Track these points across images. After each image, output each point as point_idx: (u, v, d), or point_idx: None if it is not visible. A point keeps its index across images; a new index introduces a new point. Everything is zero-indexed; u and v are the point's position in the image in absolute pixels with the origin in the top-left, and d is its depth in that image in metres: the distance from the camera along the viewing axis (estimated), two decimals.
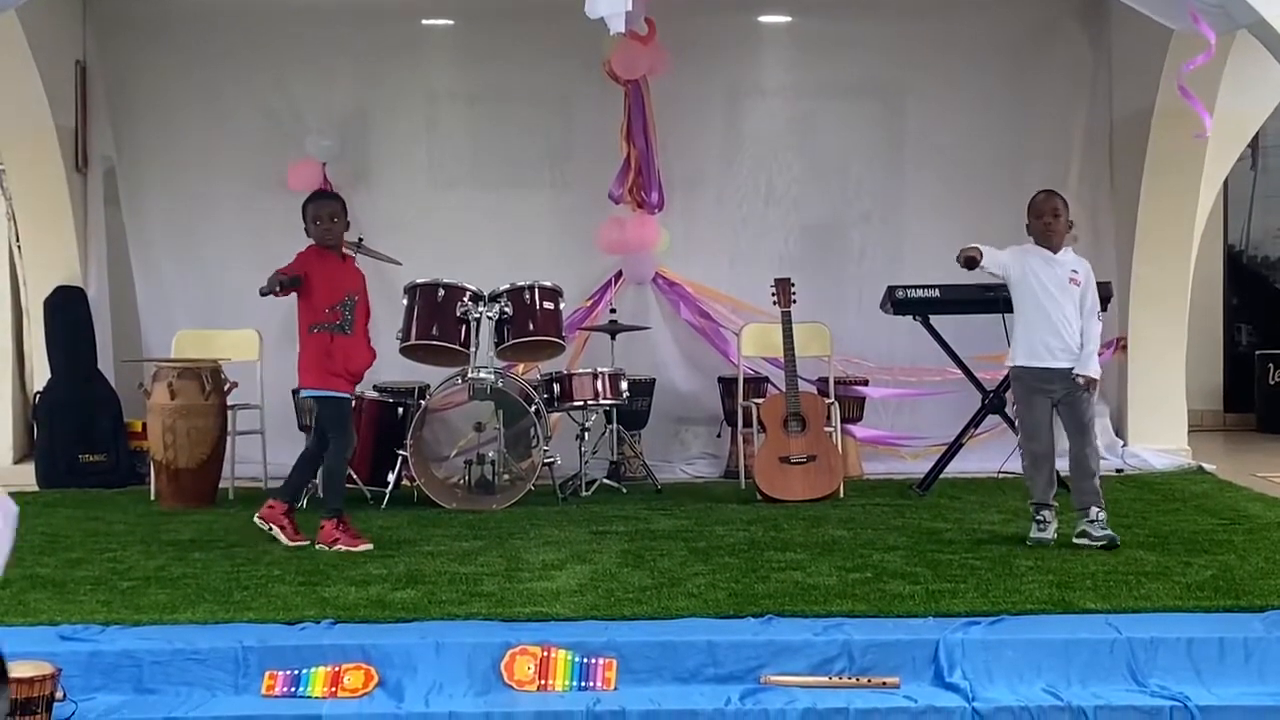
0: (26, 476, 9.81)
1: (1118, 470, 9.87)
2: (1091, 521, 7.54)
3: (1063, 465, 7.79)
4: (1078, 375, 7.52)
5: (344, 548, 7.53)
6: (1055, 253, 7.72)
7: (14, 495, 9.21)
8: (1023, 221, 10.65)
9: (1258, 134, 11.14)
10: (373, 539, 7.67)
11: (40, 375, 10.15)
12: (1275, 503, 8.81)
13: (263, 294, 7.73)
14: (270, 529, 7.68)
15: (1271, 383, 11.52)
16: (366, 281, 8.01)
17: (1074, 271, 7.67)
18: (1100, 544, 7.41)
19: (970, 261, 7.68)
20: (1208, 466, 10.10)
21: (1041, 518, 7.69)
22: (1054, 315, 7.64)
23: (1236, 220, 12.91)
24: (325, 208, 7.92)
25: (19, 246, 10.22)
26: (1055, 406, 7.65)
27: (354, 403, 8.90)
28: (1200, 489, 9.35)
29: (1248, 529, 7.91)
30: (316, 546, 7.60)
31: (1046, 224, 7.74)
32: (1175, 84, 9.65)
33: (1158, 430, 10.03)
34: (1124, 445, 10.46)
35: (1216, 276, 12.48)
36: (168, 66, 10.66)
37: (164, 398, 8.97)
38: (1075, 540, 7.46)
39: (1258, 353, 12.70)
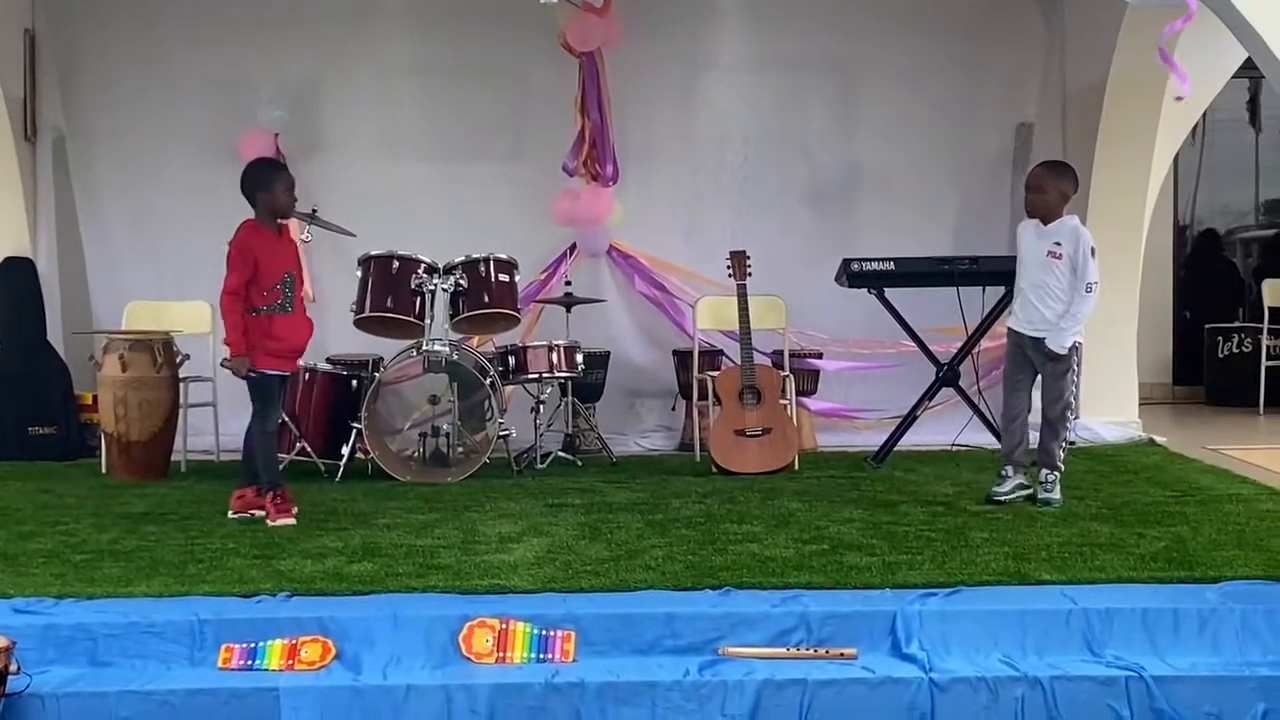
0: None
1: (1069, 443, 9.89)
2: (1040, 483, 7.87)
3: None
4: (1045, 345, 7.75)
5: (281, 521, 7.45)
6: (1045, 224, 7.85)
7: None
8: (973, 194, 10.80)
9: (1205, 111, 11.19)
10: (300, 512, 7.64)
11: None
12: (1226, 474, 8.88)
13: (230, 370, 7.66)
14: (251, 515, 7.61)
15: (1220, 356, 11.61)
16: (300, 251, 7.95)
17: (1056, 244, 7.74)
18: (1040, 505, 7.80)
19: None
20: (1158, 439, 10.17)
21: (1003, 473, 7.96)
22: (1026, 285, 7.87)
23: (1184, 196, 12.97)
24: (290, 178, 7.80)
25: None
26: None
27: (308, 375, 8.89)
28: (1151, 461, 9.42)
29: (1199, 500, 7.97)
30: (231, 515, 7.59)
31: (1028, 198, 7.95)
32: (1128, 58, 9.77)
33: (1109, 403, 10.09)
34: (1075, 418, 10.51)
35: (1166, 250, 12.56)
36: (118, 35, 10.58)
37: (115, 370, 8.90)
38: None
39: (1207, 326, 12.80)
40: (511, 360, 9.16)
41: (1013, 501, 7.84)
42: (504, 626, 5.79)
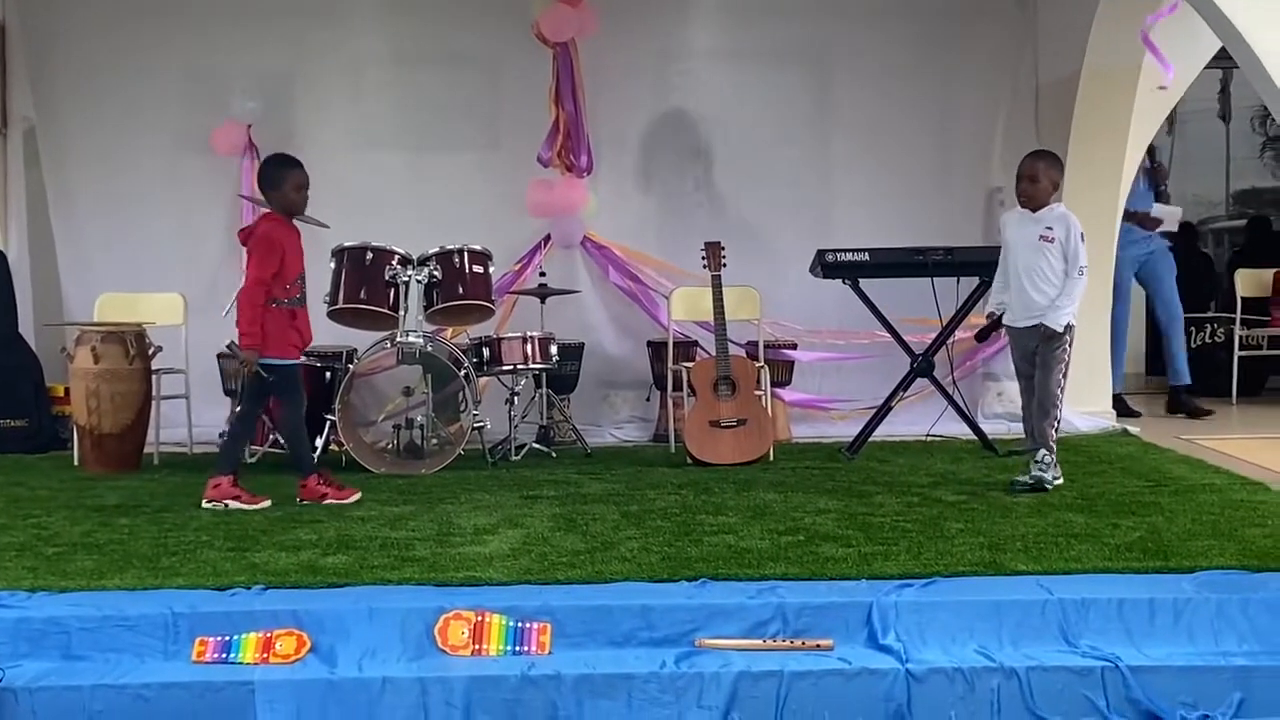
0: None
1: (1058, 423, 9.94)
2: (1035, 462, 7.92)
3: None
4: (1042, 325, 7.86)
5: (333, 500, 7.65)
6: (1034, 212, 7.96)
7: None
8: (946, 185, 10.82)
9: (1176, 103, 11.24)
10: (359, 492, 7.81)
11: None
12: (1199, 464, 8.90)
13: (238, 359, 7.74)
14: (225, 505, 7.59)
15: (1193, 346, 11.66)
16: None
17: (1048, 229, 7.87)
18: (1026, 487, 7.85)
19: None
20: (1132, 429, 10.20)
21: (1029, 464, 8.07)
22: (1019, 272, 8.01)
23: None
24: (304, 175, 7.83)
25: None
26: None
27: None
28: (1125, 451, 9.44)
29: (1173, 490, 7.99)
30: (301, 503, 7.64)
31: (1021, 187, 8.03)
32: (1101, 50, 9.80)
33: (1083, 394, 10.10)
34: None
35: None
36: (90, 26, 10.53)
37: (87, 362, 8.86)
38: None
39: (1208, 315, 12.87)
40: (486, 352, 9.14)
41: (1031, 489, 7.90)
42: (479, 619, 5.78)
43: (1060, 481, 7.91)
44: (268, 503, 7.63)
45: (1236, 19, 6.29)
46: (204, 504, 7.60)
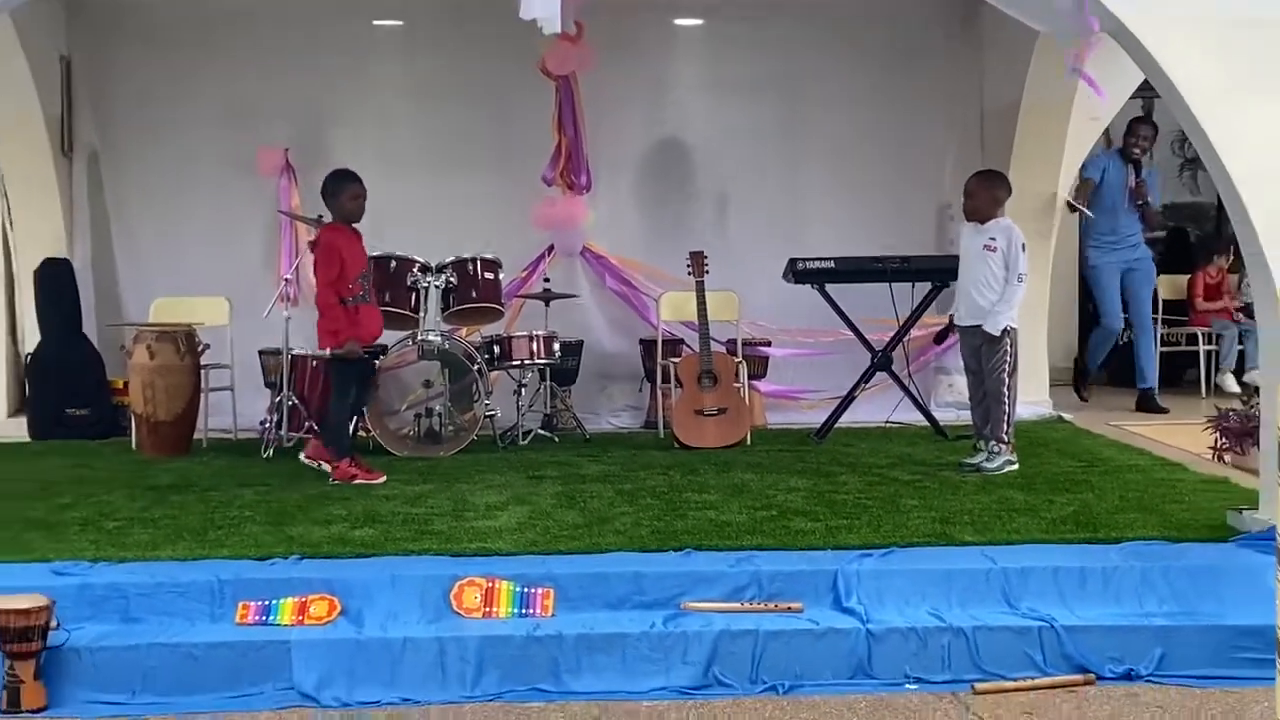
0: (19, 429, 9.67)
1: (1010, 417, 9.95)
2: (986, 451, 7.96)
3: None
4: (980, 328, 7.91)
5: (361, 481, 7.65)
6: (982, 224, 7.99)
7: (8, 445, 9.22)
8: (902, 202, 10.80)
9: (1107, 127, 11.22)
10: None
11: (31, 338, 10.01)
12: (1126, 448, 8.92)
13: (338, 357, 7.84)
14: (353, 480, 7.70)
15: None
16: None
17: (991, 239, 7.90)
18: (973, 468, 7.90)
19: None
20: (1066, 416, 10.18)
21: (975, 446, 8.13)
22: (964, 280, 8.07)
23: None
24: (361, 186, 7.93)
25: (10, 222, 10.06)
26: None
27: (315, 363, 8.83)
28: (1060, 435, 9.45)
29: (1103, 470, 8.01)
30: (331, 483, 7.64)
31: (965, 203, 8.16)
32: (1045, 78, 9.79)
33: (1023, 385, 10.06)
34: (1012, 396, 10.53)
35: (1073, 251, 12.57)
36: (145, 61, 10.50)
37: (144, 358, 8.85)
38: None
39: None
40: (496, 349, 9.13)
41: (980, 470, 7.90)
42: (490, 585, 5.80)
43: (1015, 467, 7.87)
44: (383, 478, 7.72)
45: (1158, 54, 6.28)
46: (331, 481, 7.69)
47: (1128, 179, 10.52)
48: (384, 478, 7.72)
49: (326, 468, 7.82)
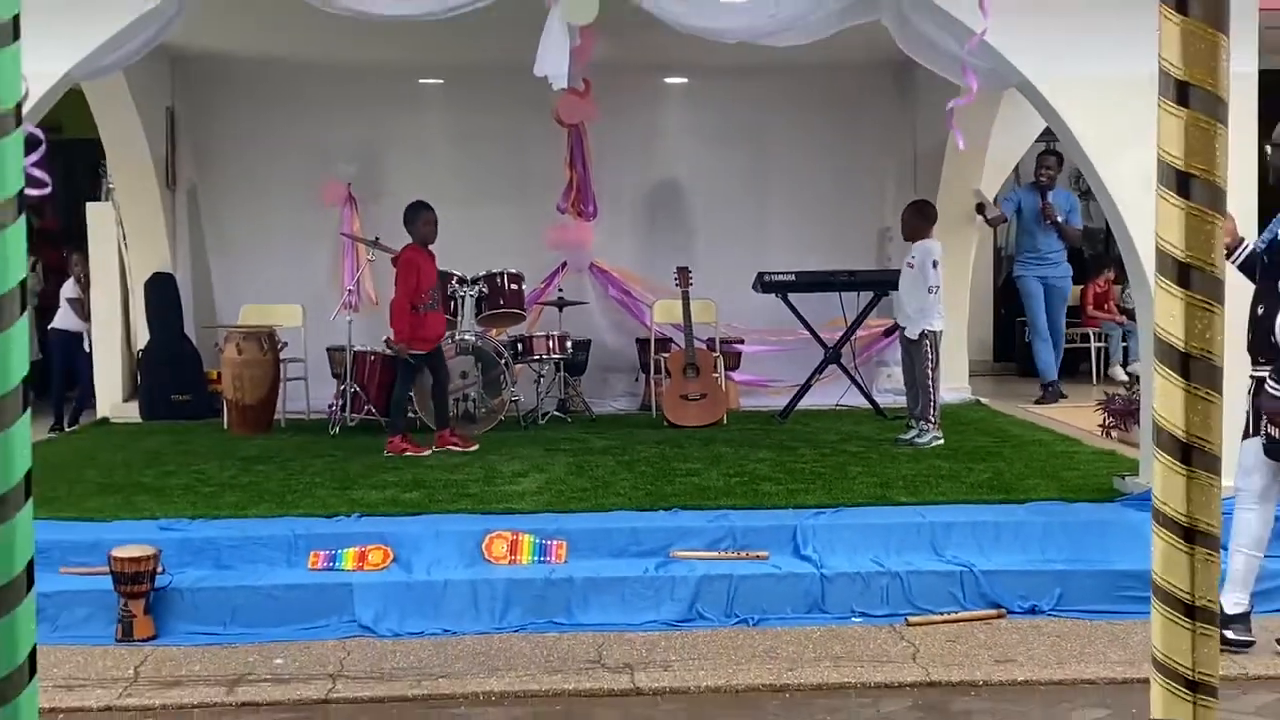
0: (132, 411, 9.65)
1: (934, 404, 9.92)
2: (915, 430, 7.95)
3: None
4: (904, 334, 7.97)
5: (411, 454, 7.61)
6: (912, 244, 7.99)
7: (123, 425, 9.20)
8: (850, 226, 10.80)
9: (1017, 164, 11.20)
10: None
11: (141, 338, 9.99)
12: (1031, 426, 8.92)
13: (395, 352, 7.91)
14: (448, 449, 7.73)
15: (1025, 340, 11.59)
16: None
17: (912, 257, 7.92)
18: (907, 443, 7.86)
19: None
20: (983, 400, 10.18)
21: (908, 425, 8.10)
22: (899, 291, 8.09)
23: (1001, 228, 12.92)
24: (434, 214, 7.92)
25: (126, 244, 10.06)
26: None
27: (373, 357, 8.83)
28: (978, 416, 9.44)
29: (1013, 445, 8.01)
30: (386, 455, 7.60)
31: (902, 228, 8.18)
32: (962, 126, 9.74)
33: (947, 374, 10.07)
34: (934, 387, 10.52)
35: (988, 266, 12.58)
36: (235, 110, 10.49)
37: (233, 354, 8.86)
38: None
39: (1017, 319, 12.78)
40: (520, 346, 9.13)
41: (912, 444, 7.86)
42: (514, 537, 5.82)
43: (940, 442, 7.86)
44: (429, 451, 7.70)
45: (1057, 107, 6.28)
46: (385, 453, 7.65)
47: (1038, 203, 10.48)
48: (429, 451, 7.72)
49: (454, 447, 7.76)
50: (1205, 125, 1.46)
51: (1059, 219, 10.02)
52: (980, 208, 10.05)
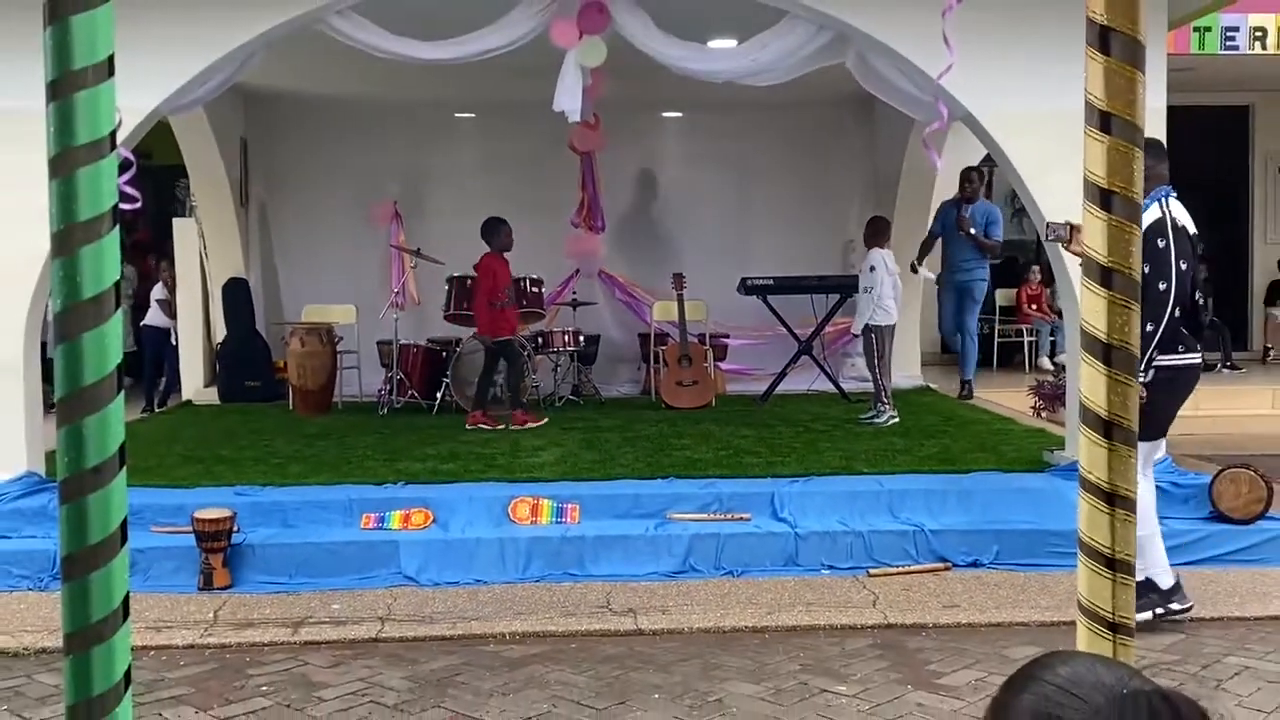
0: (211, 396, 9.66)
1: (884, 389, 9.89)
2: (871, 410, 7.95)
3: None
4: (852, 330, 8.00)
5: (532, 424, 7.73)
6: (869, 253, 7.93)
7: (204, 407, 9.18)
8: (819, 238, 10.78)
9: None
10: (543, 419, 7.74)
11: (219, 333, 10.01)
12: (974, 408, 8.91)
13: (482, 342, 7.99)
14: (481, 429, 7.67)
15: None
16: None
17: (866, 265, 7.90)
18: (865, 424, 7.81)
19: None
20: (932, 386, 10.16)
21: (869, 407, 8.06)
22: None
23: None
24: (509, 228, 8.06)
25: (206, 253, 10.06)
26: None
27: (415, 349, 8.81)
28: (928, 399, 9.42)
29: (958, 424, 8.00)
30: (512, 428, 7.65)
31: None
32: (917, 153, 9.72)
33: (902, 363, 10.06)
34: (880, 375, 10.49)
35: (934, 270, 12.58)
36: (298, 139, 10.50)
37: (297, 346, 8.83)
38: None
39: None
40: (540, 340, 9.11)
41: (884, 423, 7.80)
42: (535, 502, 5.81)
43: (897, 421, 7.83)
44: (502, 427, 7.72)
45: (995, 136, 6.27)
46: (467, 427, 7.69)
47: (955, 216, 10.21)
48: (503, 426, 7.71)
49: (516, 426, 7.73)
50: (1124, 149, 1.46)
51: (973, 231, 9.62)
52: (913, 268, 9.61)
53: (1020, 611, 5.02)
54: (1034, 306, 12.02)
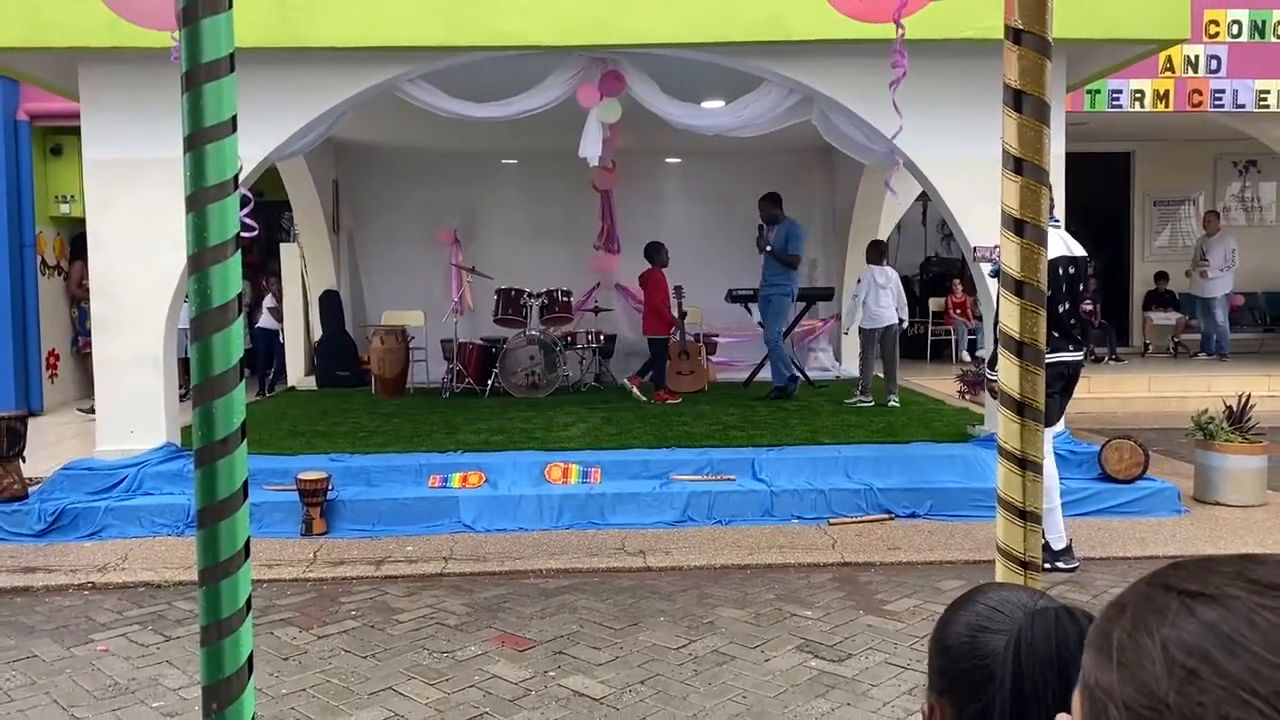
0: (310, 383, 9.68)
1: (836, 377, 9.87)
2: (853, 396, 7.89)
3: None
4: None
5: (671, 402, 7.81)
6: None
7: (305, 392, 9.15)
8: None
9: (901, 217, 11.11)
10: (680, 398, 7.60)
11: (316, 333, 10.01)
12: (913, 393, 8.83)
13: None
14: (634, 390, 7.87)
15: (908, 335, 11.50)
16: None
17: (860, 280, 7.77)
18: (848, 405, 7.68)
19: None
20: (879, 375, 10.06)
21: (851, 393, 7.98)
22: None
23: (892, 257, 12.81)
24: (665, 249, 8.17)
25: (306, 270, 10.08)
26: None
27: (470, 346, 8.80)
28: (877, 387, 9.29)
29: (901, 406, 7.94)
30: (653, 403, 7.78)
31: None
32: (868, 190, 9.68)
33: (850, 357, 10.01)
34: (841, 365, 10.48)
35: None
36: (380, 179, 10.51)
37: (378, 344, 8.83)
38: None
39: (914, 319, 12.68)
40: (569, 339, 9.10)
41: (854, 405, 7.71)
42: (566, 466, 5.80)
43: (867, 404, 7.72)
44: (679, 399, 7.87)
45: (930, 178, 6.24)
46: (654, 403, 7.80)
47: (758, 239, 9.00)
48: (679, 399, 7.89)
49: (657, 402, 7.83)
50: (1033, 188, 1.46)
51: (769, 249, 8.33)
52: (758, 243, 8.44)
53: (949, 553, 5.01)
54: (958, 311, 11.96)
